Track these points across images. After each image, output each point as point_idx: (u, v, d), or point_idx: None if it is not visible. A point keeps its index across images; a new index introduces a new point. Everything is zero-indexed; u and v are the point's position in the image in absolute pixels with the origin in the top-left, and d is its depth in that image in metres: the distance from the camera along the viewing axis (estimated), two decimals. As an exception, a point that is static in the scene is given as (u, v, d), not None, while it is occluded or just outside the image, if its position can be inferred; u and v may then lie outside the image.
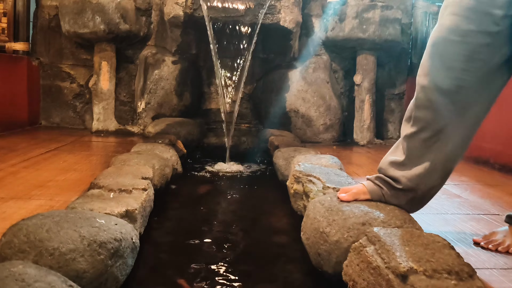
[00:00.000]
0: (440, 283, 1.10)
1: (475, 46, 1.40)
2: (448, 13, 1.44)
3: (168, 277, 1.62)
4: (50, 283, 1.02)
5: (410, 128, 1.57)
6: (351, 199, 1.65)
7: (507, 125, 2.91)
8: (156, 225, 2.08)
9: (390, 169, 1.63)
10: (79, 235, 1.27)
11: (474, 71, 1.42)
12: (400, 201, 1.61)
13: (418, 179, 1.54)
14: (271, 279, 1.60)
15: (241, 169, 3.45)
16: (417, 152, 1.54)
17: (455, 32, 1.42)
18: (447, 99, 1.47)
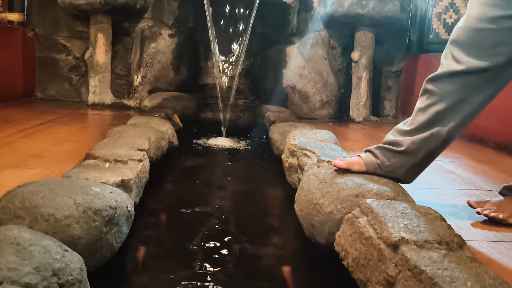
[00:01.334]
0: (430, 252, 1.12)
1: (503, 30, 1.42)
2: (475, 4, 1.47)
3: (163, 246, 1.65)
4: (45, 247, 1.03)
5: (425, 100, 1.57)
6: (345, 167, 1.67)
7: (502, 103, 2.91)
8: (151, 196, 2.09)
9: (393, 135, 1.65)
10: (74, 202, 1.28)
11: (503, 54, 1.43)
12: (398, 168, 1.62)
13: (421, 142, 1.56)
14: (264, 249, 1.62)
15: (237, 144, 3.46)
16: (426, 123, 1.55)
17: (482, 20, 1.44)
18: (471, 77, 1.47)
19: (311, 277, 1.52)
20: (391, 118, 4.40)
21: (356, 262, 1.28)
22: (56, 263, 0.99)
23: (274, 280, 1.43)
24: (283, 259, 1.59)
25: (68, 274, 1.00)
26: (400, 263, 1.10)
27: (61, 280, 0.97)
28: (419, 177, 1.69)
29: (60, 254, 1.03)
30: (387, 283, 1.12)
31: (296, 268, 1.56)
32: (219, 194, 2.24)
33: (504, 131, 2.87)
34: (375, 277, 1.17)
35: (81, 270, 1.05)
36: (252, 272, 1.46)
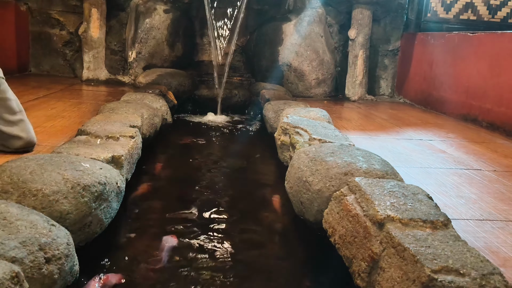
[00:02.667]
0: (414, 231, 1.13)
1: None
2: None
3: (154, 222, 1.66)
4: (32, 221, 1.04)
5: None
6: None
7: (497, 83, 2.90)
8: (144, 172, 2.10)
9: None
10: (63, 178, 1.28)
11: None
12: None
13: None
14: (254, 225, 1.64)
15: (232, 121, 3.45)
16: None
17: None
18: None
19: (299, 253, 1.53)
20: (386, 97, 4.39)
21: (342, 239, 1.30)
22: (43, 237, 1.00)
23: (263, 255, 1.44)
24: (272, 235, 1.60)
25: (54, 249, 1.01)
26: (384, 241, 1.12)
27: (48, 255, 0.98)
28: (409, 155, 1.70)
29: (47, 229, 1.04)
30: (371, 260, 1.13)
31: (284, 244, 1.58)
32: (211, 171, 2.24)
33: (498, 111, 2.87)
34: (360, 254, 1.18)
35: (68, 245, 1.06)
36: (242, 246, 1.47)
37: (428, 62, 3.83)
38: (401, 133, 2.70)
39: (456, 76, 3.40)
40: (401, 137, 2.59)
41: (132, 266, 1.34)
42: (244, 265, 1.38)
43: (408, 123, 3.06)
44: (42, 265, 0.96)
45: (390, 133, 2.70)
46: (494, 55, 2.98)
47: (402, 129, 2.82)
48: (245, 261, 1.41)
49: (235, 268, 1.36)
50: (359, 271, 1.17)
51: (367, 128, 2.79)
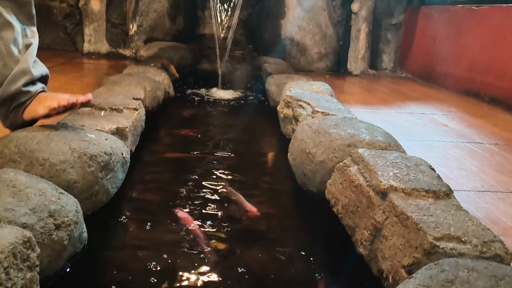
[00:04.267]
0: (417, 200, 1.15)
1: None
2: None
3: (158, 192, 1.68)
4: (40, 189, 1.06)
5: None
6: None
7: (500, 58, 2.89)
8: (147, 144, 2.11)
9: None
10: (69, 148, 1.29)
11: None
12: None
13: None
14: (258, 197, 1.66)
15: (233, 95, 3.45)
16: None
17: None
18: None
19: (302, 223, 1.56)
20: (388, 72, 4.38)
21: (345, 209, 1.32)
22: (52, 205, 1.02)
23: (266, 225, 1.47)
24: (274, 206, 1.62)
25: (64, 216, 1.03)
26: (387, 210, 1.13)
27: (57, 221, 1.00)
28: (411, 128, 1.72)
29: (55, 197, 1.05)
30: (374, 229, 1.15)
31: (287, 214, 1.60)
32: (214, 144, 2.26)
33: (500, 86, 2.87)
34: (363, 223, 1.21)
35: (76, 212, 1.08)
36: (245, 217, 1.49)
37: (431, 36, 3.80)
38: (403, 107, 2.70)
39: (459, 50, 3.38)
40: (403, 111, 2.60)
41: (138, 234, 1.37)
42: (245, 234, 1.41)
43: (410, 97, 3.06)
44: (52, 231, 0.98)
45: (392, 107, 2.70)
46: (498, 29, 2.96)
47: (404, 103, 2.82)
48: (246, 231, 1.43)
49: (236, 236, 1.38)
50: (362, 239, 1.19)
51: (369, 102, 2.80)
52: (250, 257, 1.28)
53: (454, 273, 0.79)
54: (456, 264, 0.83)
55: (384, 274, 1.06)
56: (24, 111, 1.45)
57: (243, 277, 1.18)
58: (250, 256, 1.28)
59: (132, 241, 1.34)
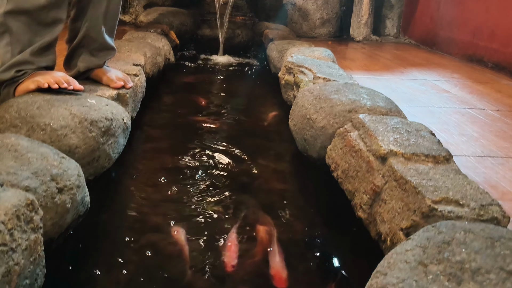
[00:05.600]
0: (417, 165, 1.15)
1: None
2: None
3: (160, 158, 1.69)
4: (42, 153, 1.06)
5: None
6: None
7: (504, 23, 2.85)
8: (148, 111, 2.11)
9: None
10: (70, 113, 1.29)
11: None
12: None
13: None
14: (258, 163, 1.67)
15: (234, 62, 3.42)
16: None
17: None
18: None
19: (302, 188, 1.57)
20: (392, 38, 4.32)
21: (345, 174, 1.33)
22: (54, 169, 1.03)
23: (267, 190, 1.48)
24: (274, 172, 1.63)
25: (66, 180, 1.04)
26: (387, 174, 1.14)
27: (60, 185, 1.01)
28: (412, 95, 1.71)
29: (57, 161, 1.06)
30: (373, 193, 1.17)
31: (286, 180, 1.61)
32: (215, 110, 2.25)
33: (504, 52, 2.83)
34: (362, 187, 1.22)
35: (78, 176, 1.09)
36: (246, 183, 1.51)
37: (436, 1, 3.74)
38: (406, 73, 2.68)
39: (463, 15, 3.33)
40: (406, 77, 2.58)
41: (140, 199, 1.38)
42: (246, 199, 1.42)
43: (412, 63, 3.03)
44: (54, 195, 0.99)
45: (394, 73, 2.68)
46: (504, -7, 2.91)
47: (407, 70, 2.80)
48: (247, 196, 1.44)
49: (238, 201, 1.40)
50: (361, 203, 1.20)
51: (371, 68, 2.77)
52: (251, 219, 1.30)
53: (451, 234, 0.80)
54: (453, 226, 0.84)
55: (383, 237, 1.08)
56: (16, 89, 1.43)
57: (244, 239, 1.20)
58: (251, 219, 1.30)
59: (134, 205, 1.36)
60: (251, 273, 1.09)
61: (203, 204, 1.36)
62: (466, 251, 0.75)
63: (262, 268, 1.10)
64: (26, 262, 0.84)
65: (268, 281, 1.05)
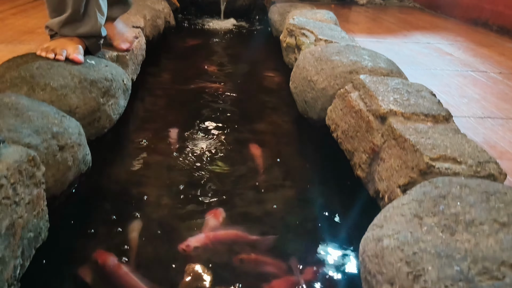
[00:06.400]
0: (416, 124, 1.16)
1: None
2: None
3: (160, 120, 1.69)
4: (43, 112, 1.07)
5: None
6: None
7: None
8: (148, 74, 2.10)
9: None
10: (70, 73, 1.29)
11: None
12: None
13: None
14: (259, 124, 1.67)
15: (236, 25, 3.38)
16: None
17: None
18: None
19: (302, 149, 1.58)
20: (396, 1, 4.25)
21: (345, 134, 1.33)
22: (55, 127, 1.03)
23: (267, 151, 1.49)
24: (275, 133, 1.64)
25: (67, 138, 1.04)
26: (386, 133, 1.15)
27: (61, 143, 1.02)
28: (415, 57, 1.70)
29: (58, 119, 1.07)
30: (372, 152, 1.17)
31: (287, 141, 1.62)
32: (216, 73, 2.24)
33: (509, 14, 2.79)
34: (361, 147, 1.22)
35: (79, 135, 1.09)
36: (246, 145, 1.51)
37: (441, -38, 3.65)
38: (409, 37, 2.65)
39: (469, -23, 3.26)
40: (409, 40, 2.55)
41: (140, 159, 1.39)
42: (246, 160, 1.43)
43: (416, 26, 2.99)
44: (56, 152, 1.00)
45: (397, 36, 2.65)
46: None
47: (410, 33, 2.76)
48: (247, 156, 1.45)
49: (237, 161, 1.41)
50: (360, 162, 1.21)
51: (374, 32, 2.74)
52: (252, 179, 1.31)
53: (447, 189, 0.81)
54: (450, 181, 0.85)
55: (381, 195, 1.09)
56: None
57: (246, 200, 1.22)
58: (252, 179, 1.31)
59: (135, 165, 1.37)
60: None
61: (203, 164, 1.37)
62: (461, 204, 0.76)
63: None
64: (30, 216, 0.86)
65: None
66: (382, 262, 0.71)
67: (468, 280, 0.60)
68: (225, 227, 1.10)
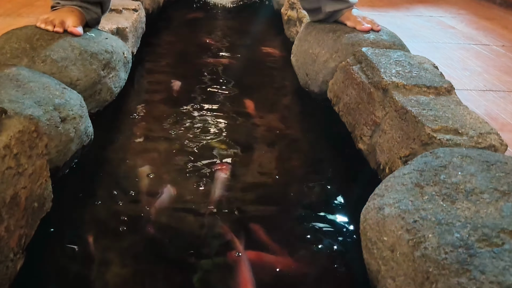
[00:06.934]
0: (418, 96, 1.16)
1: None
2: None
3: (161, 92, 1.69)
4: (44, 83, 1.07)
5: None
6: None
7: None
8: (148, 47, 2.09)
9: None
10: (70, 45, 1.28)
11: None
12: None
13: None
14: (261, 98, 1.67)
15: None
16: None
17: None
18: None
19: (302, 122, 1.58)
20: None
21: (346, 107, 1.33)
22: (56, 98, 1.04)
23: (267, 124, 1.49)
24: (276, 106, 1.63)
25: (68, 109, 1.05)
26: (388, 105, 1.15)
27: (62, 114, 1.02)
28: (417, 31, 1.68)
29: (59, 91, 1.07)
30: (374, 124, 1.17)
31: (288, 115, 1.62)
32: (216, 47, 2.23)
33: (514, -13, 2.75)
34: (363, 119, 1.22)
35: (81, 106, 1.10)
36: (246, 120, 1.51)
37: None
38: (411, 10, 2.62)
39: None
40: (411, 13, 2.52)
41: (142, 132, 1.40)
42: (247, 131, 1.44)
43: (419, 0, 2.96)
44: (58, 124, 1.00)
45: (400, 9, 2.62)
46: None
47: (413, 6, 2.73)
48: (248, 127, 1.46)
49: (238, 134, 1.41)
50: (361, 135, 1.22)
51: (376, 5, 2.71)
52: (252, 152, 1.32)
53: (448, 159, 0.82)
54: (451, 151, 0.85)
55: (382, 166, 1.10)
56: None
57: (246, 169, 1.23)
58: (252, 151, 1.32)
59: (136, 138, 1.37)
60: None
61: (204, 134, 1.37)
62: (462, 173, 0.77)
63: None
64: (33, 186, 0.87)
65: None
66: (383, 230, 0.72)
67: (467, 246, 0.61)
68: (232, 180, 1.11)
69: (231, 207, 1.07)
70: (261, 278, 0.87)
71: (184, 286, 0.87)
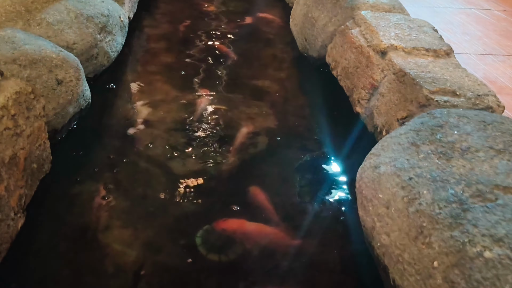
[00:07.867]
0: (416, 58, 1.15)
1: None
2: None
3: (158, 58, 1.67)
4: (40, 46, 1.06)
5: None
6: None
7: None
8: (146, 14, 2.05)
9: None
10: (65, 8, 1.27)
11: None
12: None
13: None
14: (258, 65, 1.65)
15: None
16: None
17: None
18: None
19: (301, 87, 1.57)
20: None
21: (345, 71, 1.32)
22: (53, 60, 1.03)
23: (266, 89, 1.48)
24: (276, 73, 1.62)
25: (65, 72, 1.04)
26: (386, 68, 1.14)
27: (59, 77, 1.02)
28: (418, -7, 1.65)
29: (55, 53, 1.06)
30: (372, 87, 1.17)
31: (287, 80, 1.61)
32: (215, 13, 2.19)
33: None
34: (361, 83, 1.22)
35: (77, 69, 1.09)
36: (245, 84, 1.50)
37: None
38: (412, -26, 2.57)
39: None
40: (412, -22, 2.48)
41: (139, 97, 1.39)
42: (247, 95, 1.43)
43: (420, -36, 2.90)
44: (55, 86, 1.00)
45: (400, -26, 2.57)
46: None
47: (414, -29, 2.68)
48: (248, 92, 1.45)
49: (238, 99, 1.41)
50: (359, 98, 1.21)
51: (376, -31, 2.65)
52: (252, 113, 1.32)
53: (445, 119, 0.82)
54: (448, 112, 0.85)
55: (379, 129, 1.10)
56: None
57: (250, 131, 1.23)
58: (252, 112, 1.32)
59: (134, 101, 1.37)
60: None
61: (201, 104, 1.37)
62: (458, 133, 0.77)
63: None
64: (32, 147, 0.87)
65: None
66: (379, 187, 0.73)
67: (461, 201, 0.62)
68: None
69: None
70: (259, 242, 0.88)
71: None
